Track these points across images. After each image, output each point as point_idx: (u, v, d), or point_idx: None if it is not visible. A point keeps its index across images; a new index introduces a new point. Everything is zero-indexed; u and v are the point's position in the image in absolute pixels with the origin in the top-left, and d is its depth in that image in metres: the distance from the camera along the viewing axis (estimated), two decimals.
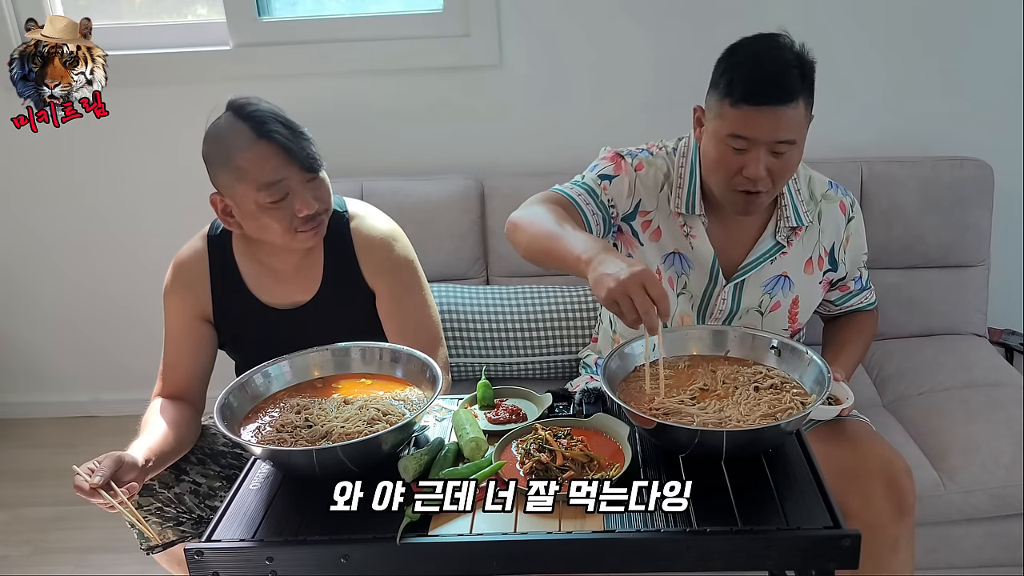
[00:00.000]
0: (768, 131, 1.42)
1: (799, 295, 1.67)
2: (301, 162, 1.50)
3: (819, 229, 1.65)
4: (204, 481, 1.61)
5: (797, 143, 1.46)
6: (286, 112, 1.55)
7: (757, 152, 1.44)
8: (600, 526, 1.10)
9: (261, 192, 1.49)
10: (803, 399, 1.24)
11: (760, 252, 1.63)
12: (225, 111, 1.53)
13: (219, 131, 1.52)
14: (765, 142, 1.44)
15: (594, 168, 1.63)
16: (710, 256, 1.62)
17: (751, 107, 1.42)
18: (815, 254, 1.66)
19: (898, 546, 1.49)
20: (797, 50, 1.46)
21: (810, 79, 1.46)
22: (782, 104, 1.41)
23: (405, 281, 1.67)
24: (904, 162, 2.21)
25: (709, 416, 1.21)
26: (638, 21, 2.28)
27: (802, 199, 1.64)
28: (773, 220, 1.63)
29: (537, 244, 1.42)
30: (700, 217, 1.61)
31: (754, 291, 1.65)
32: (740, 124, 1.43)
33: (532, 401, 1.41)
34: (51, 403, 2.82)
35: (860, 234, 1.71)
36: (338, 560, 1.09)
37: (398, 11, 2.40)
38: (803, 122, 1.46)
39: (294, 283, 1.65)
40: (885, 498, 1.49)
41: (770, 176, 1.47)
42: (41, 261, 2.65)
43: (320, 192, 1.55)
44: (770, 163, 1.46)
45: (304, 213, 1.51)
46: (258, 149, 1.48)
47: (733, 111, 1.44)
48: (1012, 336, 2.32)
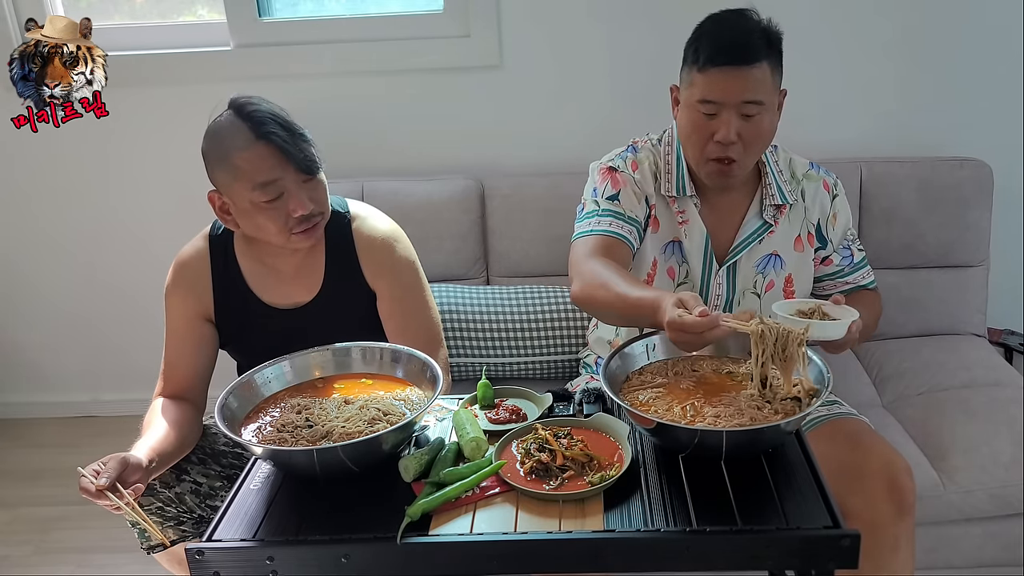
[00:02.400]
0: (735, 92, 1.48)
1: (792, 273, 1.69)
2: (297, 163, 1.50)
3: (804, 207, 1.69)
4: (205, 481, 1.61)
5: (765, 105, 1.50)
6: (288, 113, 1.55)
7: (728, 115, 1.50)
8: (600, 526, 1.10)
9: (256, 191, 1.49)
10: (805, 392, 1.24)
11: (748, 232, 1.66)
12: (226, 109, 1.53)
13: (219, 129, 1.53)
14: (733, 104, 1.49)
15: (595, 193, 1.65)
16: (703, 237, 1.65)
17: (717, 69, 1.48)
18: (803, 231, 1.69)
19: (898, 546, 1.49)
20: (763, 22, 1.52)
21: (776, 47, 1.52)
22: (746, 64, 1.47)
23: (406, 281, 1.67)
24: (904, 162, 2.21)
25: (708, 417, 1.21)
26: (638, 21, 2.28)
27: (785, 179, 1.67)
28: (758, 199, 1.67)
29: (608, 314, 1.49)
30: (692, 199, 1.65)
31: (747, 272, 1.67)
32: (708, 88, 1.49)
33: (532, 401, 1.41)
34: (52, 403, 2.82)
35: (845, 210, 1.73)
36: (339, 560, 1.09)
37: (398, 12, 2.40)
38: (770, 86, 1.51)
39: (295, 283, 1.65)
40: (885, 498, 1.49)
41: (742, 142, 1.51)
42: (41, 262, 2.65)
43: (316, 194, 1.55)
44: (740, 127, 1.50)
45: (299, 214, 1.51)
46: (255, 149, 1.49)
47: (701, 76, 1.50)
48: (1012, 336, 2.33)
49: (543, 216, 2.20)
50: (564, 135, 2.38)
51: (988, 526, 1.84)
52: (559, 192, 2.18)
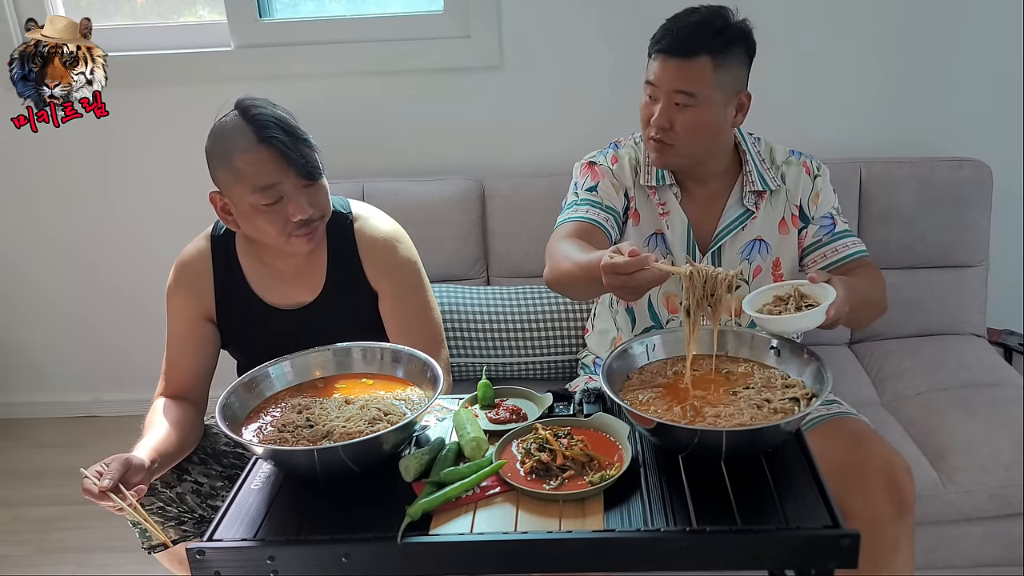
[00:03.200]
0: (667, 80, 1.55)
1: (779, 256, 1.71)
2: (298, 168, 1.50)
3: (786, 190, 1.70)
4: (206, 481, 1.61)
5: (698, 98, 1.54)
6: (294, 116, 1.55)
7: (662, 101, 1.56)
8: (600, 526, 1.10)
9: (256, 194, 1.50)
10: (801, 394, 1.25)
11: (729, 219, 1.69)
12: (232, 110, 1.54)
13: (223, 130, 1.53)
14: (665, 91, 1.55)
15: (576, 186, 1.71)
16: (684, 227, 1.68)
17: (658, 55, 1.56)
18: (787, 213, 1.70)
19: (898, 546, 1.49)
20: (725, 18, 1.55)
21: (730, 46, 1.54)
22: (682, 57, 1.53)
23: (408, 282, 1.67)
24: (903, 162, 2.21)
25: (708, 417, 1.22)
26: (638, 21, 2.27)
27: (766, 167, 1.70)
28: (739, 186, 1.69)
29: (571, 285, 1.50)
30: (671, 188, 1.68)
31: (731, 259, 1.69)
32: (651, 72, 1.58)
33: (532, 401, 1.41)
34: (53, 403, 2.82)
35: (827, 189, 1.73)
36: (339, 560, 1.10)
37: (399, 12, 2.40)
38: (708, 80, 1.53)
39: (297, 284, 1.65)
40: (885, 498, 1.49)
41: (675, 130, 1.56)
42: (41, 262, 2.65)
43: (316, 198, 1.55)
44: (674, 116, 1.56)
45: (298, 218, 1.52)
46: (257, 153, 1.49)
47: (650, 62, 1.59)
48: (1011, 336, 2.33)
49: (543, 216, 2.19)
50: (564, 135, 2.38)
51: (988, 526, 1.84)
52: (559, 192, 2.15)
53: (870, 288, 1.60)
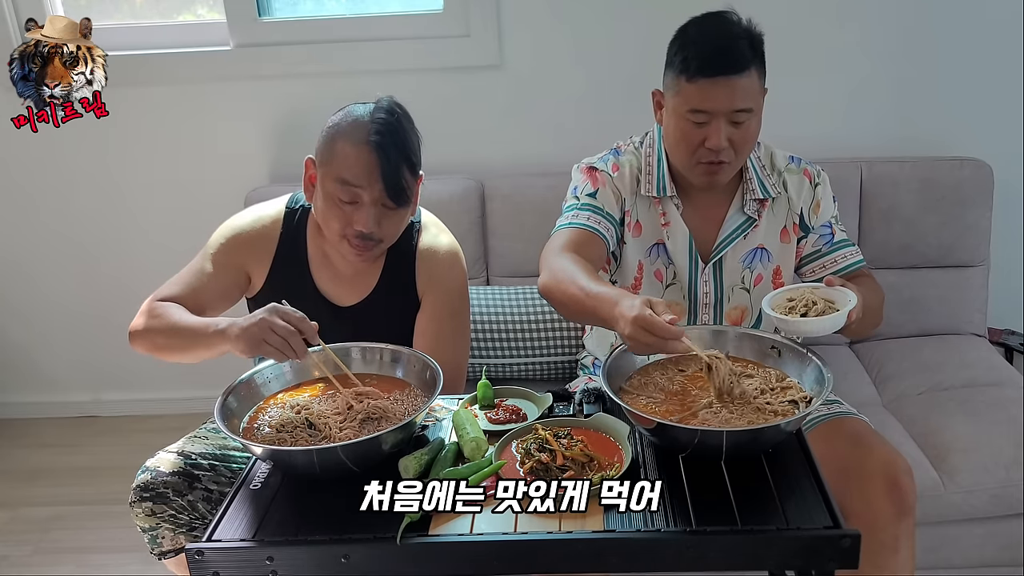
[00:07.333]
0: (725, 101, 1.49)
1: (780, 264, 1.70)
2: (387, 185, 1.49)
3: (788, 197, 1.69)
4: (216, 487, 1.60)
5: (754, 111, 1.52)
6: (421, 142, 1.56)
7: (717, 123, 1.50)
8: (600, 526, 1.10)
9: (337, 184, 1.50)
10: (801, 396, 1.24)
11: (731, 228, 1.67)
12: (375, 102, 1.54)
13: (352, 111, 1.54)
14: (724, 112, 1.50)
15: (576, 190, 1.68)
16: (686, 237, 1.66)
17: (707, 79, 1.48)
18: (788, 222, 1.69)
19: (898, 546, 1.49)
20: (745, 24, 1.53)
21: (760, 51, 1.52)
22: (736, 74, 1.48)
23: (451, 306, 1.66)
24: (904, 162, 2.21)
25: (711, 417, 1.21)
26: (638, 21, 2.28)
27: (767, 173, 1.68)
28: (740, 195, 1.67)
29: (573, 310, 1.44)
30: (673, 199, 1.66)
31: (733, 268, 1.68)
32: (698, 98, 1.50)
33: (532, 401, 1.41)
34: (51, 403, 2.82)
35: (828, 199, 1.72)
36: (338, 560, 1.09)
37: (398, 11, 2.40)
38: (757, 91, 1.52)
39: (352, 281, 1.65)
40: (885, 498, 1.49)
41: (732, 146, 1.53)
42: (41, 262, 2.65)
43: (389, 222, 1.54)
44: (730, 133, 1.51)
45: (359, 228, 1.51)
46: (360, 150, 1.49)
47: (690, 86, 1.50)
48: (1012, 336, 2.33)
49: (543, 216, 2.18)
50: (564, 135, 2.38)
51: (988, 526, 1.84)
52: (559, 192, 2.14)
53: (873, 298, 1.60)
